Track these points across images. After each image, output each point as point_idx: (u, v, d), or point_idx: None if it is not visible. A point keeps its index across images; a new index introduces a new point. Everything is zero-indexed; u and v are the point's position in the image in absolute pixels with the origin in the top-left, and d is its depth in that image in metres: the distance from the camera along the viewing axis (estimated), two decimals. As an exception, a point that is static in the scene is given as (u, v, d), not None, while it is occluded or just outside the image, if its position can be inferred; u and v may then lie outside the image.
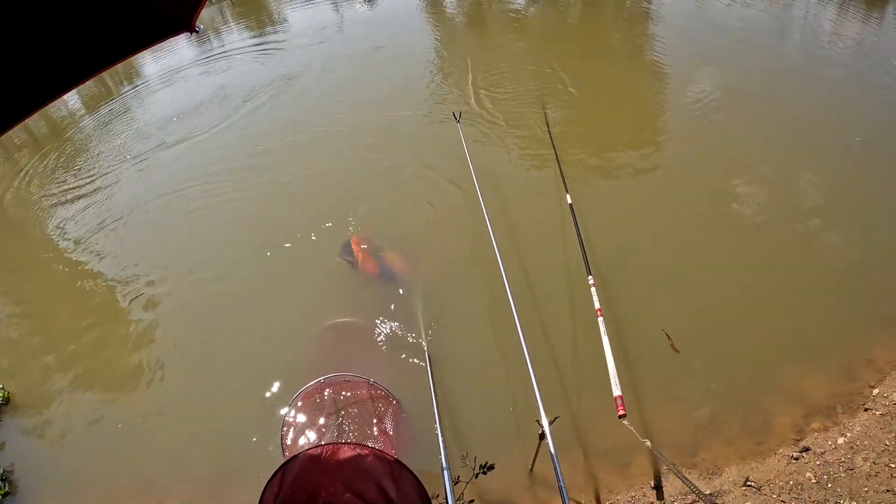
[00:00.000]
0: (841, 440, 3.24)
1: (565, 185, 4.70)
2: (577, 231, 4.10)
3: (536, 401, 2.66)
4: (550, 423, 2.60)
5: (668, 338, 3.82)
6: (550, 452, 2.53)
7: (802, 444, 3.25)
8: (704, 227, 4.75)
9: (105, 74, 8.58)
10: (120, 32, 2.09)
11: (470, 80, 7.03)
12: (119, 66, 7.00)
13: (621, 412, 2.84)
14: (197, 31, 2.20)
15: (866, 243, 4.50)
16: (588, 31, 8.81)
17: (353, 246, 4.71)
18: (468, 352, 3.95)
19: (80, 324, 4.68)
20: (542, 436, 2.64)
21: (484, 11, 9.58)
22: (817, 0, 8.86)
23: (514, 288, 3.23)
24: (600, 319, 3.33)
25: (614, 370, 3.02)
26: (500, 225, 4.67)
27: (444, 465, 2.86)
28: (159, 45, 2.40)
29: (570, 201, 4.49)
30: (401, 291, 4.40)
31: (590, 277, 3.68)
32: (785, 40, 7.94)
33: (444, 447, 3.01)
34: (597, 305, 3.43)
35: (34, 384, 4.27)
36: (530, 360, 2.84)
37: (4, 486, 3.65)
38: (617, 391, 2.93)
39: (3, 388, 4.17)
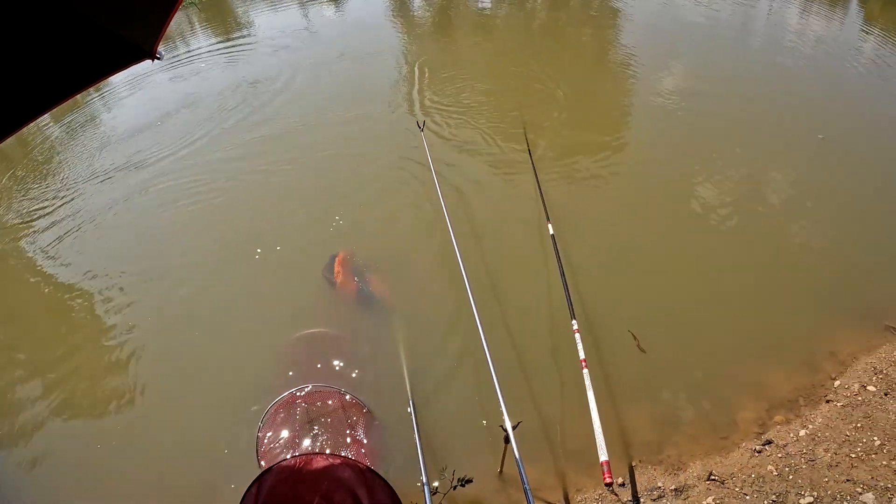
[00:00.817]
0: (803, 432, 3.31)
1: (547, 214, 4.53)
2: (561, 269, 3.82)
3: (500, 405, 2.69)
4: (514, 427, 2.63)
5: (635, 338, 3.86)
6: (515, 456, 2.55)
7: (765, 437, 3.32)
8: (697, 227, 4.84)
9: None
10: (80, 62, 2.04)
11: (420, 88, 7.03)
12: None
13: (608, 480, 2.61)
14: (159, 58, 2.16)
15: (829, 239, 4.64)
16: (563, 35, 8.89)
17: (336, 265, 4.57)
18: (440, 363, 3.92)
19: (51, 338, 4.56)
20: (507, 439, 2.68)
21: (451, 15, 9.59)
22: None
23: (481, 290, 3.22)
24: (585, 372, 3.07)
25: (601, 433, 2.77)
26: (475, 243, 4.69)
27: (425, 480, 2.88)
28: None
29: (552, 231, 4.26)
30: (379, 314, 4.32)
31: (574, 322, 3.43)
32: (751, 39, 8.12)
33: (424, 464, 3.02)
34: (581, 356, 3.21)
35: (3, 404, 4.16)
36: (492, 361, 2.87)
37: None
38: (603, 456, 2.69)
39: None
